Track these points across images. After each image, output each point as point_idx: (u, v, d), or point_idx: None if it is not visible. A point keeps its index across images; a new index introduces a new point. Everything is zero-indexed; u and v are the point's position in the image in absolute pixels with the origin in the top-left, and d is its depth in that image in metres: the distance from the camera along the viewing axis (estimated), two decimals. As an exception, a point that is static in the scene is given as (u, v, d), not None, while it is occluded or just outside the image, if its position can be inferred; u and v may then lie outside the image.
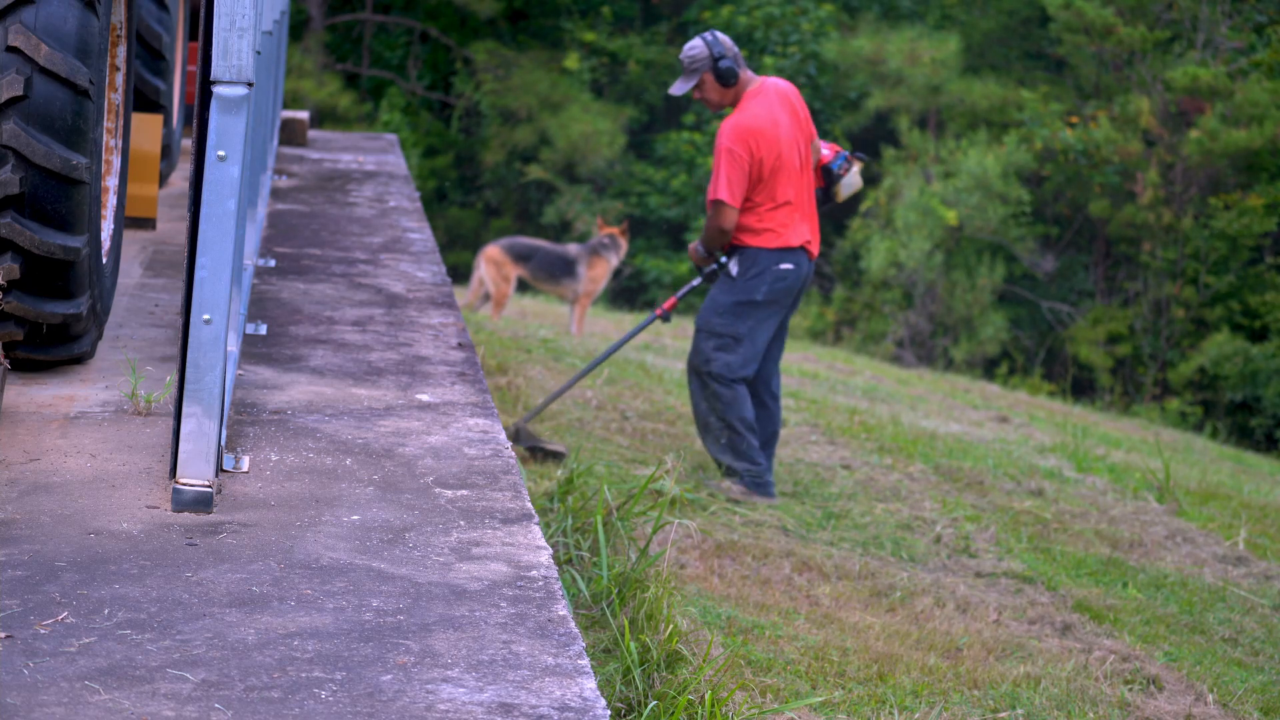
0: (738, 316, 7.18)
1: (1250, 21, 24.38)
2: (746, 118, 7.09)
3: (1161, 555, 7.43)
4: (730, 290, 7.20)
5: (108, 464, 4.27)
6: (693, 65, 7.16)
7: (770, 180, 7.12)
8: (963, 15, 27.58)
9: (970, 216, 23.82)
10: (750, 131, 7.06)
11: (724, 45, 7.14)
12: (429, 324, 6.19)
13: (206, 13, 3.92)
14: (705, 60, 7.13)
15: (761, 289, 7.16)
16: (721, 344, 7.20)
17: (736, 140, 7.06)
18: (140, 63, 7.31)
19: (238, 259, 4.34)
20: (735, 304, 7.18)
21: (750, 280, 7.17)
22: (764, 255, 7.15)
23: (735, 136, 7.07)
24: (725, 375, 7.19)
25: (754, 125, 7.07)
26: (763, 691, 4.83)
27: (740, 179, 7.07)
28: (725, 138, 7.08)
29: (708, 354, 7.21)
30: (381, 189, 9.56)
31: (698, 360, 7.25)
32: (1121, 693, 5.41)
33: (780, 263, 7.17)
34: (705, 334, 7.24)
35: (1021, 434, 10.86)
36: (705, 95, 7.21)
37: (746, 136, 7.06)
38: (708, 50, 7.13)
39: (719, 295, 7.23)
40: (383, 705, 3.02)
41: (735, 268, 7.19)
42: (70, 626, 3.26)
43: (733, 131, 7.07)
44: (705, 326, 7.24)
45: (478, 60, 27.87)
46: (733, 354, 7.19)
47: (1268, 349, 21.57)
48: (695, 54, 7.15)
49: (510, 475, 4.41)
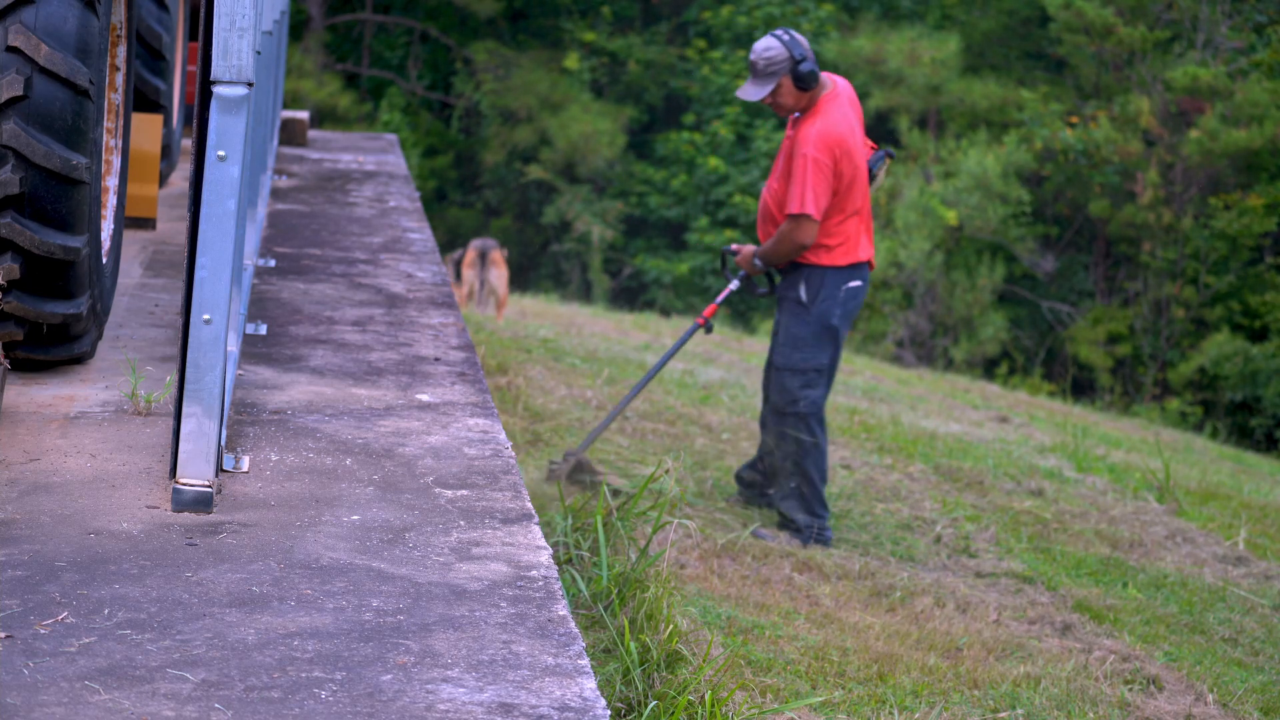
0: (820, 347, 6.71)
1: (1250, 21, 24.38)
2: (831, 125, 6.57)
3: (1161, 555, 7.42)
4: (805, 320, 6.70)
5: (108, 464, 4.27)
6: (770, 68, 6.57)
7: (847, 191, 6.64)
8: (963, 15, 27.58)
9: (970, 216, 23.82)
10: (837, 140, 6.56)
11: (803, 46, 6.58)
12: (429, 324, 6.19)
13: (206, 13, 3.92)
14: (785, 63, 6.56)
15: (836, 312, 6.69)
16: (808, 380, 6.71)
17: (823, 149, 6.53)
18: (140, 63, 7.31)
19: (238, 259, 4.34)
20: (816, 334, 6.69)
21: (824, 305, 6.68)
22: (832, 275, 6.66)
23: (822, 145, 6.53)
24: (814, 413, 6.72)
25: (839, 133, 6.57)
26: (763, 691, 4.83)
27: (826, 191, 6.55)
28: (810, 146, 6.52)
29: (794, 393, 6.71)
30: (381, 189, 9.56)
31: (783, 401, 6.73)
32: (1121, 693, 5.41)
33: (850, 281, 6.71)
34: (789, 372, 6.72)
35: (1021, 434, 10.86)
36: (779, 100, 6.64)
37: (833, 145, 6.55)
38: (787, 52, 6.55)
39: (796, 328, 6.71)
40: (383, 705, 3.02)
41: (804, 292, 6.69)
42: (70, 626, 3.26)
43: (819, 140, 6.53)
44: (788, 364, 6.72)
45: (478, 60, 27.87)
46: (818, 388, 6.73)
47: (1268, 349, 21.57)
48: (773, 55, 6.55)
49: (510, 475, 4.42)
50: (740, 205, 25.53)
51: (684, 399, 9.32)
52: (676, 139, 26.71)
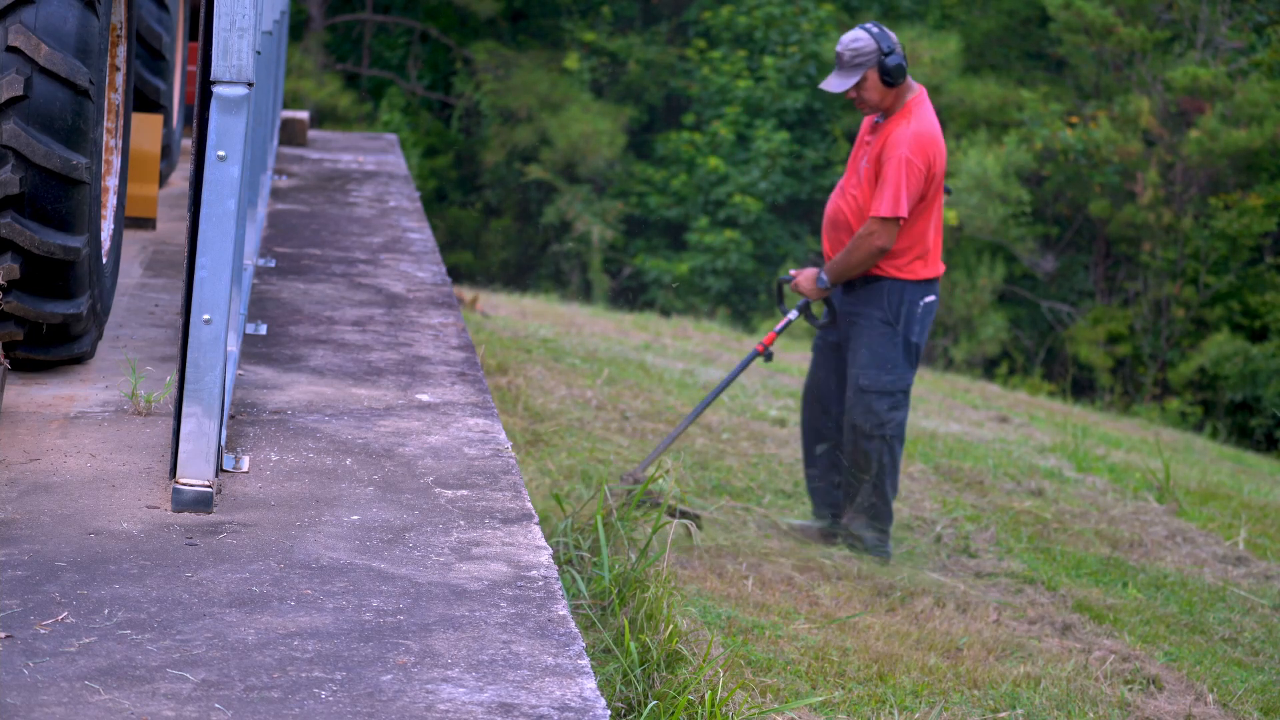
0: (909, 366, 6.48)
1: (1250, 21, 24.38)
2: (927, 126, 6.37)
3: (1161, 555, 7.42)
4: (892, 338, 6.44)
5: (108, 464, 4.27)
6: (856, 60, 6.35)
7: (932, 199, 6.42)
8: (963, 15, 27.58)
9: (970, 216, 23.82)
10: (932, 142, 6.36)
11: (892, 39, 6.36)
12: (429, 324, 6.18)
13: (206, 13, 3.92)
14: (872, 55, 6.33)
15: (915, 328, 6.45)
16: (896, 402, 6.47)
17: (918, 151, 6.31)
18: (140, 63, 7.31)
19: (238, 259, 4.34)
20: (904, 353, 6.45)
21: (907, 322, 6.44)
22: (912, 289, 6.42)
23: (918, 147, 6.31)
24: (899, 435, 6.52)
25: (934, 135, 6.38)
26: (763, 691, 4.83)
27: (916, 196, 6.32)
28: (905, 148, 6.29)
29: (882, 415, 6.47)
30: (381, 189, 9.55)
31: (870, 424, 6.48)
32: (1121, 693, 5.41)
33: (927, 295, 6.47)
34: (878, 394, 6.46)
35: (1021, 434, 10.86)
36: (864, 95, 6.39)
37: (929, 148, 6.34)
38: (875, 44, 6.33)
39: (883, 348, 6.44)
40: (383, 705, 3.02)
41: (888, 309, 6.44)
42: (70, 626, 3.26)
43: (915, 141, 6.31)
44: (875, 386, 6.45)
45: (478, 60, 27.87)
46: (903, 410, 6.51)
47: (1268, 349, 21.57)
48: (860, 46, 6.34)
49: (510, 475, 4.42)
50: (740, 205, 25.53)
51: (684, 399, 9.31)
52: (676, 139, 26.71)
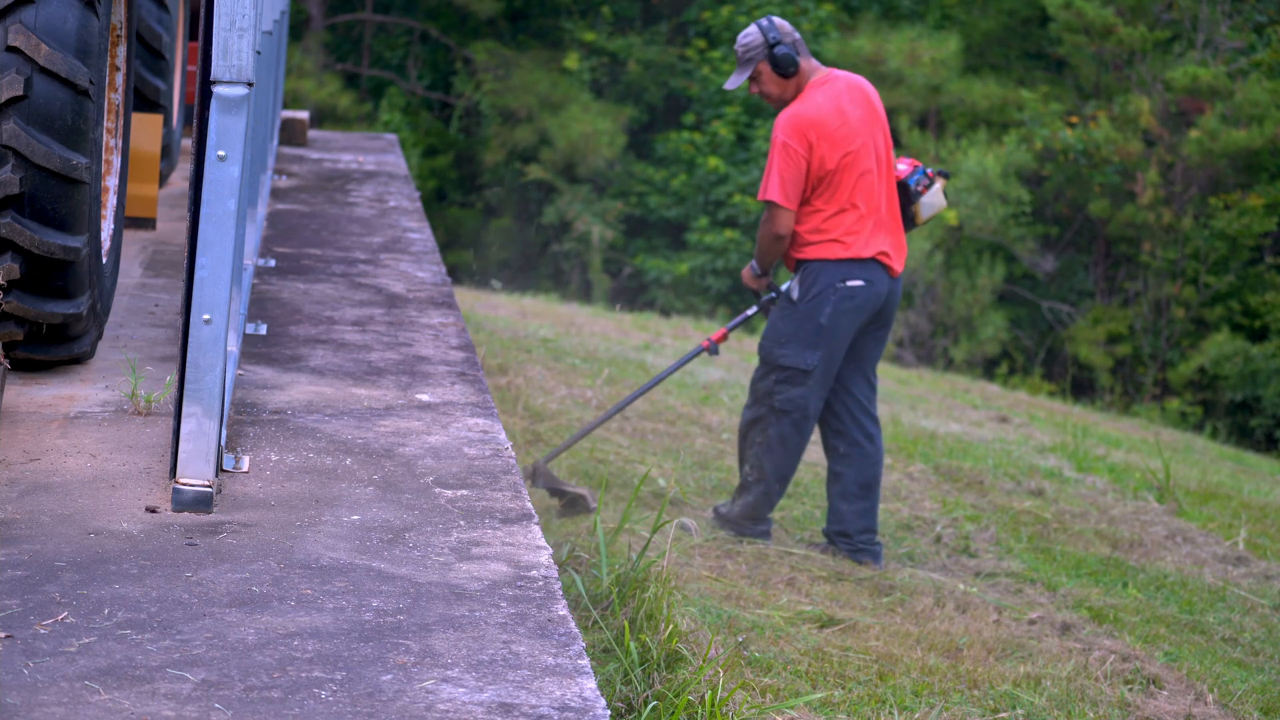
0: (804, 346, 6.33)
1: (1250, 21, 24.38)
2: (806, 107, 6.29)
3: (1161, 555, 7.42)
4: (791, 315, 6.37)
5: (108, 464, 4.27)
6: (746, 54, 6.34)
7: (834, 181, 6.28)
8: (963, 15, 27.57)
9: (970, 216, 23.82)
10: (810, 123, 6.26)
11: (780, 30, 6.30)
12: (429, 324, 6.18)
13: (206, 13, 3.92)
14: (760, 48, 6.32)
15: (824, 310, 6.30)
16: (787, 377, 6.37)
17: (793, 133, 6.25)
18: (140, 63, 7.31)
19: (238, 259, 4.34)
20: (798, 331, 6.35)
21: (811, 301, 6.32)
22: (826, 270, 6.31)
23: (791, 128, 6.25)
24: (792, 410, 6.39)
25: (815, 116, 6.27)
26: (763, 691, 4.83)
27: (795, 177, 6.23)
28: (780, 130, 6.26)
29: (769, 387, 6.42)
30: (381, 189, 9.55)
31: (757, 394, 6.47)
32: (1121, 693, 5.41)
33: (846, 278, 6.30)
34: (767, 366, 6.43)
35: (1021, 434, 10.86)
36: (763, 89, 6.38)
37: (805, 128, 6.25)
38: (762, 37, 6.31)
39: (779, 322, 6.40)
40: (383, 705, 3.02)
41: (796, 289, 6.37)
42: (70, 626, 3.26)
43: (789, 123, 6.26)
44: (767, 358, 6.43)
45: (478, 60, 27.87)
46: (800, 388, 6.36)
47: (1268, 349, 21.57)
48: (749, 42, 6.33)
49: (510, 475, 4.42)
50: (740, 205, 25.53)
51: (684, 399, 9.32)
52: (676, 139, 26.70)
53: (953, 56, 25.25)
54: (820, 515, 7.17)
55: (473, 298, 14.14)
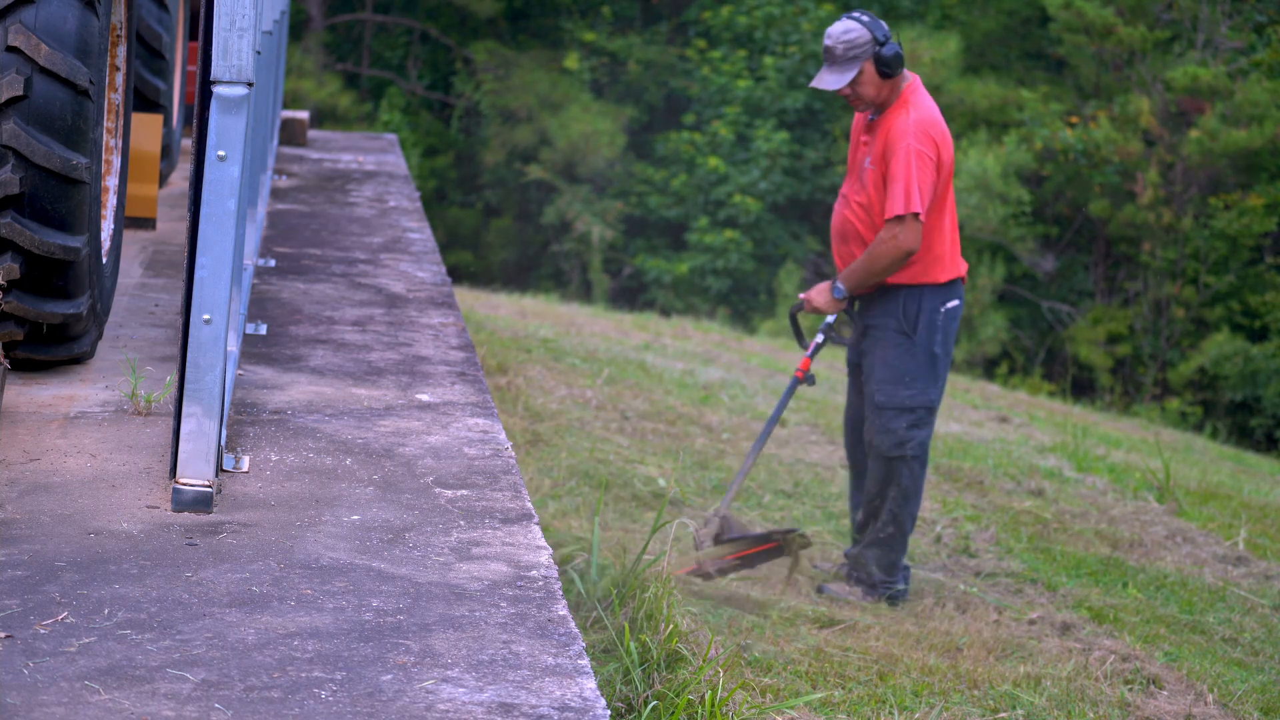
0: (930, 380, 5.90)
1: (1250, 21, 24.38)
2: (929, 113, 5.78)
3: (1161, 555, 7.42)
4: (911, 350, 5.89)
5: (108, 464, 4.27)
6: (850, 52, 5.75)
7: (944, 190, 5.84)
8: (963, 15, 27.58)
9: (970, 216, 23.82)
10: (939, 130, 5.78)
11: (885, 28, 5.78)
12: (429, 324, 6.18)
13: (206, 13, 3.92)
14: (867, 45, 5.75)
15: (938, 338, 5.90)
16: (915, 419, 5.92)
17: (925, 139, 5.72)
18: (140, 63, 7.31)
19: (238, 259, 4.34)
20: (920, 367, 5.89)
21: (925, 331, 5.88)
22: (930, 294, 5.87)
23: (923, 135, 5.72)
24: (920, 456, 5.96)
25: (939, 122, 5.80)
26: (763, 691, 4.83)
27: (930, 187, 5.72)
28: (911, 137, 5.70)
29: (901, 435, 5.93)
30: (381, 189, 9.55)
31: (887, 444, 5.94)
32: (1121, 693, 5.41)
33: (948, 300, 5.90)
34: (894, 411, 5.92)
35: (1021, 434, 10.86)
36: (860, 90, 5.80)
37: (935, 135, 5.76)
38: (869, 34, 5.75)
39: (900, 360, 5.90)
40: (383, 705, 3.02)
41: (904, 318, 5.90)
42: (70, 626, 3.26)
43: (918, 129, 5.72)
44: (893, 402, 5.91)
45: (478, 60, 27.88)
46: (926, 428, 5.95)
47: (1268, 349, 21.57)
48: (854, 38, 5.75)
49: (510, 475, 4.41)
50: (740, 205, 25.53)
51: (684, 399, 9.31)
52: (676, 139, 26.70)
53: (953, 56, 25.25)
54: (820, 514, 7.17)
55: (473, 298, 14.14)
